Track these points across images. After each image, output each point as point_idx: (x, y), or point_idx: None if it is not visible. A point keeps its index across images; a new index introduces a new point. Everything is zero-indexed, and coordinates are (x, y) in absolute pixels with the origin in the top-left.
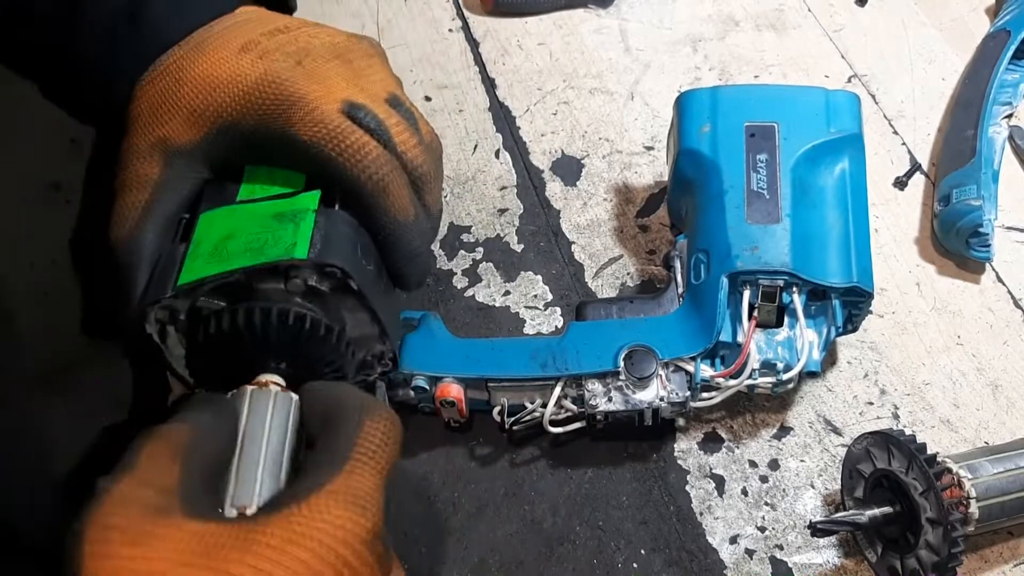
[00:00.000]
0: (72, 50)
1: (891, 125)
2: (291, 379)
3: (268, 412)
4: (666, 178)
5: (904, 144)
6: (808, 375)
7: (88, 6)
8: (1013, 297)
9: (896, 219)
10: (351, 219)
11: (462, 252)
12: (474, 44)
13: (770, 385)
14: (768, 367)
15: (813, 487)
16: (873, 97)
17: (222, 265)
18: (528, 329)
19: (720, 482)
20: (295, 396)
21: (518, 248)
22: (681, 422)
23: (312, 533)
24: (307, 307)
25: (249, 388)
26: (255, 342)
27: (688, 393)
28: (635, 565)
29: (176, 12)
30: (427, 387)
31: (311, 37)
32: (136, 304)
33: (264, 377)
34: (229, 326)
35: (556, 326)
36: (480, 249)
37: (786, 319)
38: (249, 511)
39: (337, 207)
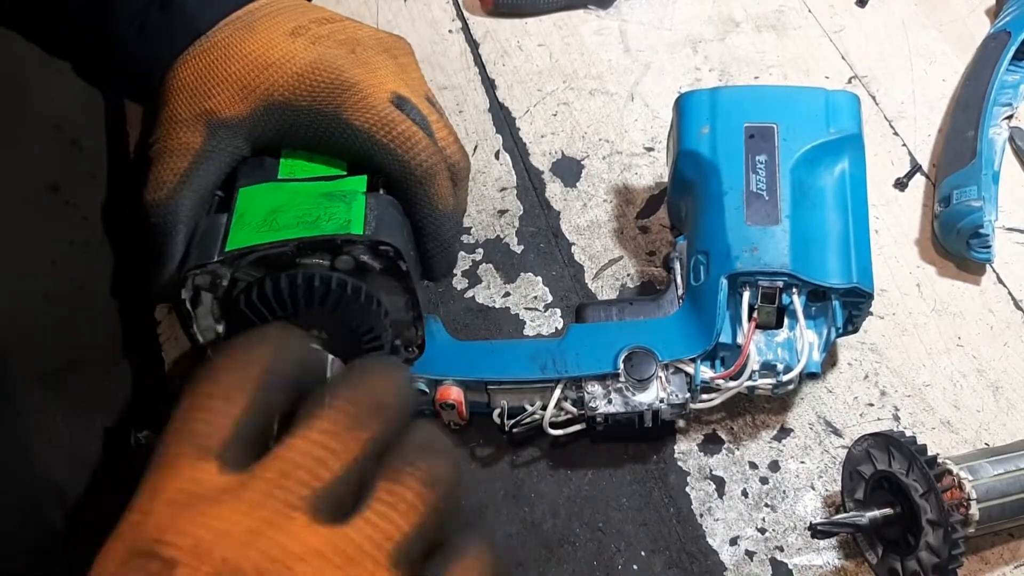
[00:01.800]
0: (105, 37)
1: (891, 126)
2: (328, 348)
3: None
4: (666, 179)
5: (904, 145)
6: (808, 376)
7: None
8: (1014, 298)
9: (896, 220)
10: (398, 203)
11: (462, 253)
12: (474, 45)
13: (770, 386)
14: (768, 368)
15: (813, 489)
16: (873, 98)
17: (274, 235)
18: (528, 331)
19: (720, 483)
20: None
21: (518, 249)
22: (681, 424)
23: None
24: (355, 279)
25: None
26: (300, 308)
27: (688, 395)
28: (635, 567)
29: (207, 1)
30: (427, 390)
31: (357, 29)
32: (176, 268)
33: None
34: (284, 289)
35: (556, 327)
36: (480, 250)
37: (786, 320)
38: None
39: (382, 194)
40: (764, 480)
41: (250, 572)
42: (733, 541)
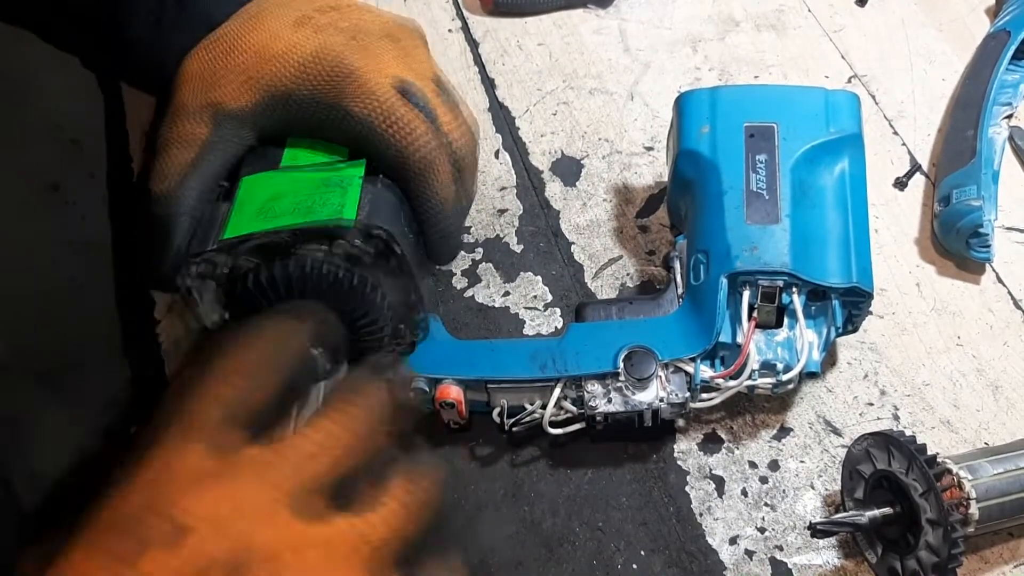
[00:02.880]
0: (120, 34)
1: (891, 125)
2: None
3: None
4: (666, 178)
5: (904, 144)
6: (808, 376)
7: None
8: (1013, 298)
9: (896, 219)
10: (396, 188)
11: (461, 253)
12: (474, 44)
13: (770, 386)
14: (768, 368)
15: (813, 488)
16: (873, 97)
17: (269, 223)
18: (527, 330)
19: (720, 483)
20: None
21: (518, 249)
22: (681, 423)
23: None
24: (351, 267)
25: None
26: (296, 296)
27: (688, 394)
28: (635, 566)
29: None
30: (427, 389)
31: (361, 15)
32: (175, 256)
33: None
34: (281, 276)
35: (556, 327)
36: (480, 250)
37: (786, 320)
38: None
39: (380, 179)
40: (764, 479)
41: (258, 555)
42: (733, 540)
